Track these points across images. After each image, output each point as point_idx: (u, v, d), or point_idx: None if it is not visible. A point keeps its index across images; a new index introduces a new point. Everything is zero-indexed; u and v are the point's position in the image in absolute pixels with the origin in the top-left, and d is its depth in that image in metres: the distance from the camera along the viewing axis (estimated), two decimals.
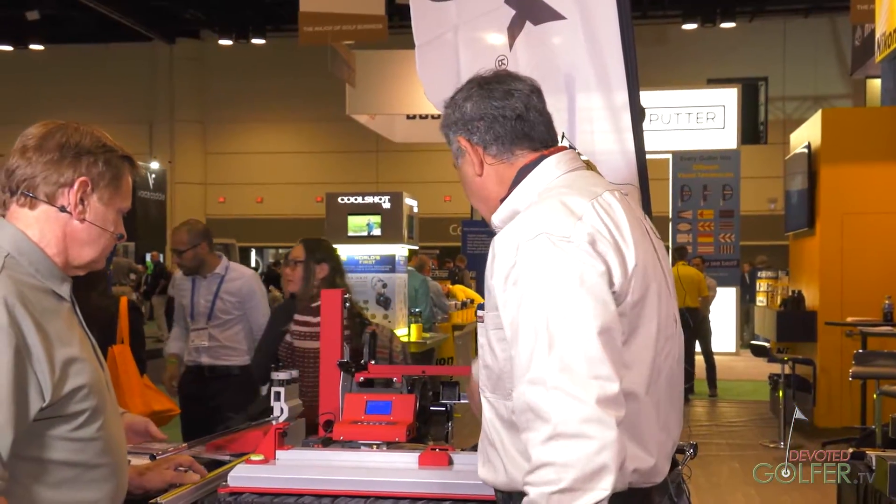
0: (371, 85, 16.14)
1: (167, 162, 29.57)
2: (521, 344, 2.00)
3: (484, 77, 2.37)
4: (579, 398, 1.88)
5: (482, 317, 2.23)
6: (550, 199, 2.14)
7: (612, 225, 2.11)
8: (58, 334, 2.15)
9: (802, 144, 11.72)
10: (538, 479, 1.90)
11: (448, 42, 3.99)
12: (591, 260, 2.03)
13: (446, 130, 2.40)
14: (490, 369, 2.21)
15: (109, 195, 2.32)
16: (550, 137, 2.35)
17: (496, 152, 2.30)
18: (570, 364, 1.92)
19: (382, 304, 10.20)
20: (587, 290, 1.99)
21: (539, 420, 1.91)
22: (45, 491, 2.15)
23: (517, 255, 2.05)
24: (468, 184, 2.38)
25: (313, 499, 2.76)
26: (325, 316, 3.44)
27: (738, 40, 26.08)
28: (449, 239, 25.79)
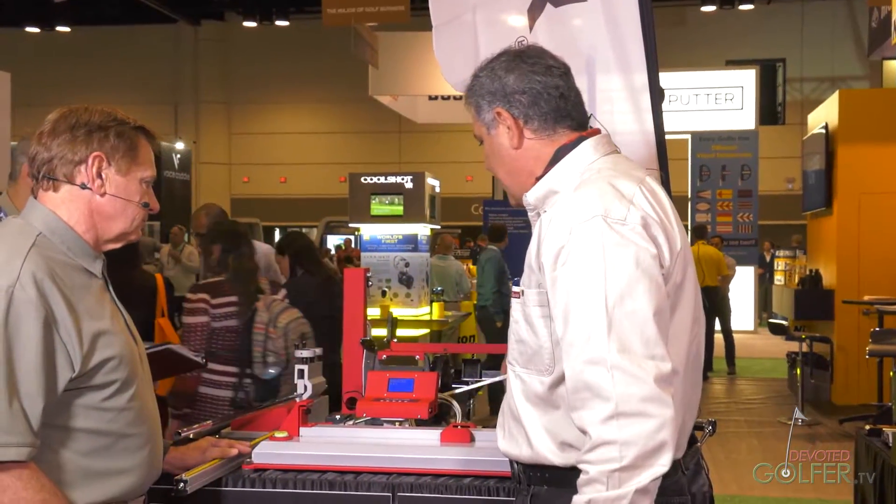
0: (394, 66, 16.12)
1: (192, 142, 29.64)
2: (575, 324, 2.03)
3: (521, 51, 2.34)
4: (639, 378, 1.93)
5: (518, 293, 2.24)
6: (599, 182, 2.15)
7: (658, 209, 2.15)
8: (87, 309, 2.23)
9: (820, 125, 11.73)
10: (599, 458, 1.94)
11: (467, 23, 3.99)
12: (645, 243, 2.06)
13: (478, 99, 2.35)
14: (525, 344, 2.22)
15: (127, 166, 2.37)
16: (586, 119, 2.35)
17: (537, 127, 2.29)
18: (629, 345, 1.96)
19: (405, 283, 10.24)
20: (643, 272, 2.02)
21: (598, 399, 1.95)
22: (78, 458, 2.23)
23: (570, 236, 2.06)
24: (501, 156, 2.36)
25: (336, 475, 2.79)
26: (348, 294, 3.48)
27: (756, 22, 25.92)
28: (470, 218, 25.75)
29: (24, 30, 28.80)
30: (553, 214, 2.14)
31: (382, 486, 2.74)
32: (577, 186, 2.17)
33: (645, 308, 2.00)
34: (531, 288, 2.19)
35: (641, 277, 2.02)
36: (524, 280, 2.22)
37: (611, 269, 2.01)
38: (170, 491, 2.62)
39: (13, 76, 10.33)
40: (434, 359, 3.30)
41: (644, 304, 2.00)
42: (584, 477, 1.97)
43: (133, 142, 2.38)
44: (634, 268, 2.02)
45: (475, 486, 2.71)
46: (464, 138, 27.91)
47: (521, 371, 2.24)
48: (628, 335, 1.97)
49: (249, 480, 2.79)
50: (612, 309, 1.99)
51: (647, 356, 1.96)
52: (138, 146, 2.40)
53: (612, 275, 2.01)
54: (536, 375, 2.19)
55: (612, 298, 1.99)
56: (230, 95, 30.93)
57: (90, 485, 2.25)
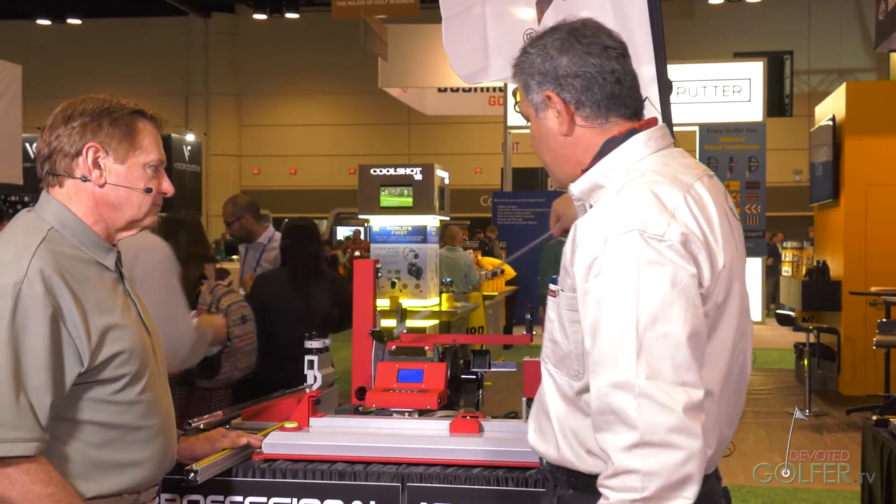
0: (403, 58, 16.14)
1: (202, 134, 29.67)
2: (603, 341, 1.92)
3: (577, 27, 2.15)
4: (667, 406, 1.84)
5: (555, 291, 2.14)
6: (641, 188, 2.00)
7: (703, 222, 2.00)
8: (97, 303, 2.23)
9: (827, 117, 11.74)
10: (620, 485, 1.86)
11: (476, 15, 3.99)
12: (683, 262, 1.93)
13: (527, 78, 2.18)
14: (558, 345, 2.13)
15: (125, 153, 2.33)
16: (641, 106, 2.20)
17: (588, 114, 2.13)
18: (658, 371, 1.86)
19: (414, 274, 10.27)
20: (679, 293, 1.90)
21: (623, 425, 1.86)
22: (90, 450, 2.25)
23: (604, 247, 1.94)
24: (548, 140, 2.19)
25: (346, 465, 2.80)
26: (357, 286, 3.49)
27: (763, 14, 25.88)
28: (479, 210, 25.76)
29: (35, 22, 28.87)
30: (589, 221, 2.02)
31: (392, 476, 2.75)
32: (619, 189, 2.03)
33: (678, 332, 1.88)
34: (565, 291, 2.09)
35: (677, 299, 1.90)
36: (560, 279, 2.11)
37: (644, 288, 1.89)
38: (180, 481, 2.64)
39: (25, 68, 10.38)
40: (443, 350, 3.31)
41: (678, 327, 1.88)
42: (603, 502, 1.89)
43: (130, 127, 2.35)
44: (670, 288, 1.90)
45: (484, 476, 2.72)
46: (473, 130, 28.05)
47: (553, 370, 2.16)
48: (659, 360, 1.86)
49: (259, 470, 2.80)
50: (643, 331, 1.87)
51: (677, 383, 1.85)
52: (136, 131, 2.36)
53: (646, 295, 1.89)
54: (567, 378, 2.11)
55: (644, 320, 1.88)
56: (240, 87, 30.97)
57: (102, 476, 2.26)
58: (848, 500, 6.24)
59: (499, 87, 19.15)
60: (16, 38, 27.07)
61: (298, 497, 2.76)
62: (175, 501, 2.79)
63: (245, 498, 2.79)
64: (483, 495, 2.70)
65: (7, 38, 26.72)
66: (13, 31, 28.08)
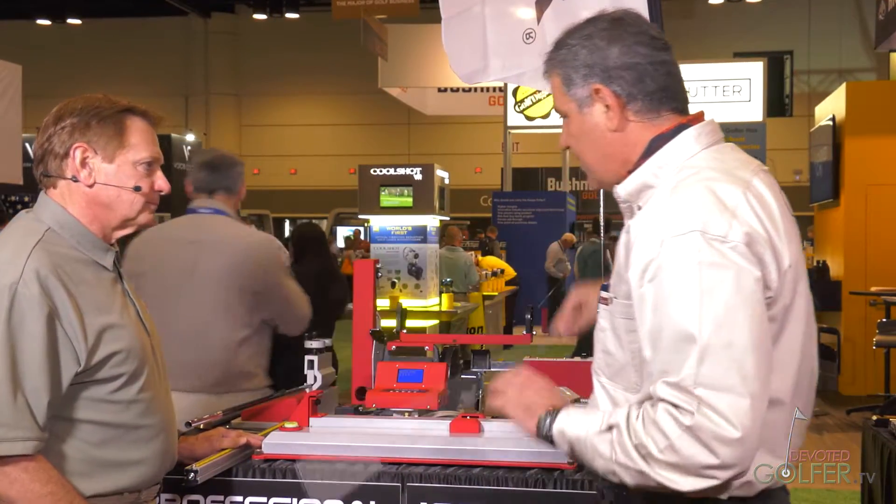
0: (403, 58, 16.15)
1: (202, 134, 29.70)
2: (664, 348, 1.82)
3: (621, 17, 2.04)
4: (728, 419, 1.74)
5: (608, 299, 2.02)
6: (698, 186, 1.89)
7: (766, 219, 1.89)
8: (94, 303, 2.24)
9: (827, 117, 11.75)
10: (646, 430, 1.80)
11: (475, 15, 4.00)
12: (748, 264, 1.81)
13: (569, 71, 2.05)
14: (612, 356, 2.03)
15: (113, 151, 2.31)
16: (688, 101, 2.09)
17: (640, 108, 2.00)
18: (721, 380, 1.76)
19: (414, 274, 10.27)
20: (744, 299, 1.79)
21: (678, 413, 1.78)
22: (89, 448, 2.26)
23: (661, 249, 1.83)
24: (593, 138, 2.06)
25: (346, 465, 2.79)
26: (357, 285, 3.49)
27: (763, 14, 25.93)
28: (479, 210, 25.79)
29: (35, 22, 28.89)
30: (643, 222, 1.91)
31: (392, 476, 2.74)
32: (673, 187, 1.92)
33: (744, 340, 1.77)
34: (619, 298, 1.98)
35: (742, 305, 1.79)
36: (613, 286, 2.00)
37: (707, 293, 1.78)
38: (180, 481, 2.63)
39: (25, 68, 10.38)
40: (443, 350, 3.31)
41: (744, 335, 1.78)
42: (632, 414, 1.84)
43: (119, 125, 2.33)
44: (734, 293, 1.78)
45: (484, 476, 2.72)
46: (473, 130, 28.07)
47: (608, 383, 2.06)
48: (723, 369, 1.76)
49: (259, 470, 2.80)
50: (706, 340, 1.76)
51: (742, 394, 1.75)
52: (125, 129, 2.33)
53: (709, 301, 1.78)
54: (623, 391, 2.01)
55: (708, 328, 1.77)
56: (240, 87, 31.00)
57: (102, 474, 2.27)
58: (848, 500, 6.24)
59: (499, 87, 19.16)
60: (16, 38, 27.09)
61: (298, 497, 2.76)
62: (175, 501, 2.78)
63: (245, 498, 2.79)
64: (483, 495, 2.69)
65: (7, 38, 26.73)
66: (13, 31, 28.10)
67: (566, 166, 20.22)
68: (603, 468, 1.90)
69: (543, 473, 2.69)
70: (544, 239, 16.75)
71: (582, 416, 1.97)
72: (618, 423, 1.86)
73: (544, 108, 18.20)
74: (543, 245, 16.54)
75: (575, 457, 2.01)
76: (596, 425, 1.91)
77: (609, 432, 1.87)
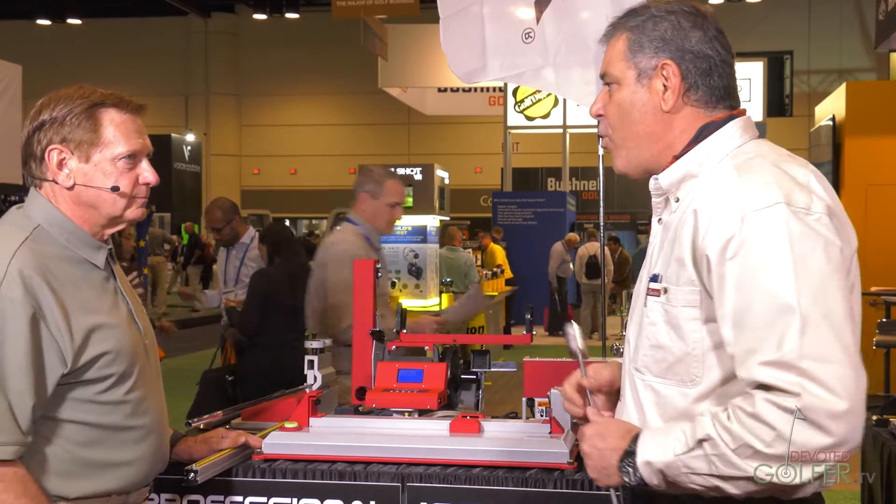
0: (403, 58, 16.14)
1: (202, 134, 29.72)
2: (757, 327, 1.74)
3: (706, 13, 2.00)
4: (836, 392, 1.67)
5: (658, 290, 1.94)
6: (766, 164, 1.87)
7: (834, 198, 1.87)
8: (83, 303, 2.18)
9: (827, 117, 11.75)
10: (749, 426, 1.71)
11: (474, 15, 4.00)
12: (833, 236, 1.78)
13: (642, 38, 1.99)
14: (665, 350, 1.93)
15: (89, 150, 2.23)
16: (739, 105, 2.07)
17: (699, 98, 1.98)
18: (826, 351, 1.70)
19: (414, 274, 10.27)
20: (834, 269, 1.76)
21: (783, 396, 1.69)
22: (75, 449, 2.20)
23: (742, 224, 1.77)
24: (642, 112, 2.00)
25: (346, 465, 2.79)
26: (357, 285, 3.49)
27: (763, 14, 25.95)
28: (479, 210, 25.79)
29: (35, 22, 28.89)
30: (715, 202, 1.84)
31: (392, 476, 2.75)
32: (738, 170, 1.88)
33: (840, 310, 1.73)
34: (680, 286, 1.89)
35: (834, 275, 1.75)
36: (669, 276, 1.92)
37: (800, 263, 1.73)
38: (180, 481, 2.63)
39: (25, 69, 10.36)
40: (443, 349, 3.31)
41: (839, 305, 1.73)
42: (721, 418, 1.75)
43: (93, 121, 2.24)
44: (826, 262, 1.74)
45: (484, 476, 2.72)
46: (473, 130, 28.08)
47: (655, 381, 1.96)
48: (826, 340, 1.70)
49: (259, 470, 2.80)
50: (806, 309, 1.70)
51: (847, 365, 1.69)
52: (100, 126, 2.24)
53: (803, 270, 1.72)
54: (677, 387, 1.92)
55: (806, 297, 1.71)
56: (240, 87, 31.00)
57: (88, 475, 2.22)
58: (848, 500, 6.23)
59: (499, 87, 19.15)
60: (16, 38, 27.10)
61: (298, 497, 2.76)
62: (175, 501, 2.78)
63: (245, 498, 2.79)
64: (483, 495, 2.69)
65: (7, 38, 26.74)
66: (13, 31, 28.10)
67: (566, 166, 20.22)
68: (703, 486, 1.79)
69: (543, 473, 2.69)
70: (544, 239, 16.73)
71: (661, 439, 1.84)
72: (707, 434, 1.76)
73: (544, 108, 18.20)
74: (543, 245, 16.52)
75: (668, 484, 1.84)
76: (681, 444, 1.79)
77: (700, 447, 1.77)
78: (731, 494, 1.79)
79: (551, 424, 2.84)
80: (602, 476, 1.94)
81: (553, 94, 16.46)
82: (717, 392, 1.87)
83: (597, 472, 1.95)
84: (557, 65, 3.86)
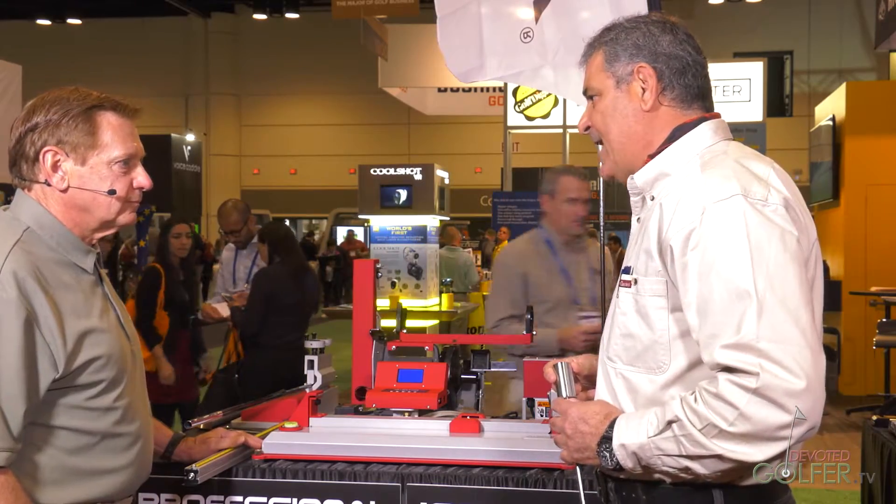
0: (403, 58, 16.14)
1: (203, 134, 29.71)
2: (716, 311, 1.82)
3: (672, 21, 2.12)
4: (793, 371, 1.74)
5: (630, 281, 2.04)
6: (729, 161, 1.97)
7: (794, 193, 1.96)
8: (73, 307, 2.14)
9: (827, 117, 11.76)
10: (713, 407, 1.77)
11: (472, 14, 3.99)
12: (789, 226, 1.87)
13: (616, 48, 2.11)
14: (635, 339, 2.02)
15: (85, 153, 2.21)
16: (713, 106, 2.17)
17: (675, 97, 2.08)
18: (782, 333, 1.77)
19: (414, 274, 10.27)
20: (791, 258, 1.84)
21: (742, 377, 1.77)
22: (64, 456, 2.16)
23: (703, 216, 1.87)
24: (624, 115, 2.11)
25: (346, 465, 2.80)
26: (357, 286, 3.49)
27: (763, 14, 25.95)
28: (479, 210, 25.78)
29: (35, 22, 28.89)
30: (678, 195, 1.95)
31: (392, 476, 2.75)
32: (703, 166, 1.98)
33: (796, 296, 1.80)
34: (648, 276, 1.98)
35: (790, 263, 1.83)
36: (639, 267, 2.01)
37: (757, 250, 1.82)
38: (180, 481, 2.64)
39: (25, 68, 10.35)
40: (443, 349, 3.31)
41: (795, 291, 1.81)
42: (689, 400, 1.82)
43: (91, 125, 2.21)
44: (783, 251, 1.83)
45: (484, 476, 2.72)
46: (473, 130, 28.07)
47: (626, 369, 2.03)
48: (783, 323, 1.78)
49: (259, 471, 2.80)
50: (762, 294, 1.79)
51: (804, 346, 1.77)
52: (97, 128, 2.22)
53: (759, 257, 1.81)
54: (645, 374, 1.99)
55: (762, 283, 1.80)
56: (240, 87, 30.99)
57: (76, 483, 2.18)
58: (848, 500, 6.24)
59: (499, 86, 19.14)
60: (16, 38, 27.09)
61: (298, 497, 2.76)
62: (175, 501, 2.79)
63: (245, 498, 2.79)
64: (483, 495, 2.70)
65: (7, 38, 26.73)
66: (13, 31, 28.10)
67: None
68: (673, 467, 1.86)
69: (543, 473, 2.69)
70: None
71: (635, 423, 1.92)
72: (675, 415, 1.83)
73: (544, 108, 18.18)
74: None
75: (643, 467, 1.92)
76: (653, 426, 1.87)
77: (669, 428, 1.84)
78: (700, 475, 1.86)
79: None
80: (581, 457, 2.04)
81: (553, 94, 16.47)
82: (682, 378, 1.95)
83: (577, 454, 2.04)
84: (556, 64, 3.86)
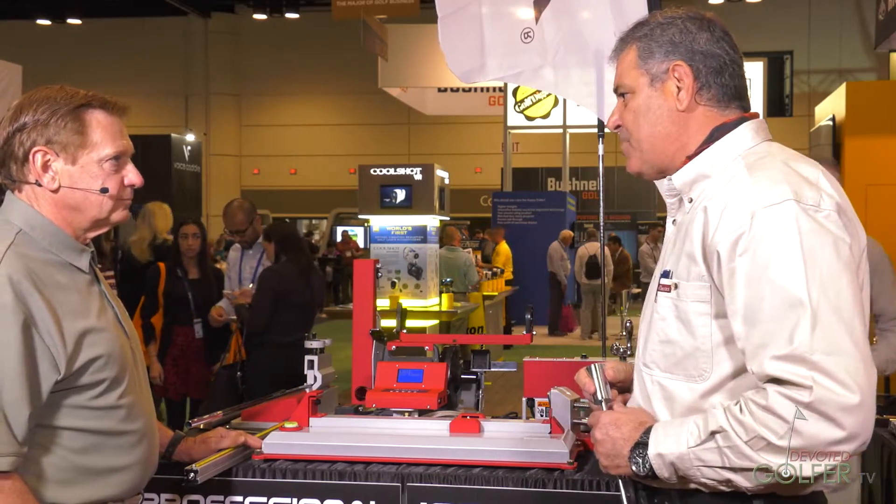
0: (403, 58, 16.15)
1: (202, 134, 29.67)
2: (766, 319, 1.76)
3: (708, 18, 2.06)
4: (847, 385, 1.69)
5: (669, 286, 1.97)
6: (777, 163, 1.91)
7: (843, 197, 1.90)
8: (71, 307, 2.14)
9: (827, 117, 11.76)
10: (762, 419, 1.72)
11: (472, 14, 4.00)
12: (842, 233, 1.82)
13: (651, 44, 2.04)
14: (675, 345, 1.95)
15: (76, 152, 2.19)
16: (750, 105, 2.12)
17: (712, 97, 2.02)
18: (836, 344, 1.71)
19: (414, 274, 10.27)
20: (844, 265, 1.78)
21: (794, 389, 1.71)
22: (72, 456, 2.16)
23: (752, 221, 1.80)
24: (658, 114, 2.04)
25: (346, 465, 2.80)
26: (357, 286, 3.49)
27: (763, 14, 25.94)
28: (479, 210, 25.79)
29: (35, 22, 28.88)
30: (725, 199, 1.87)
31: (392, 476, 2.75)
32: (748, 169, 1.91)
33: (850, 305, 1.74)
34: (690, 281, 1.92)
35: (843, 270, 1.77)
36: (680, 272, 1.94)
37: (810, 258, 1.75)
38: (180, 481, 2.64)
39: (25, 68, 10.33)
40: (443, 350, 3.31)
41: (849, 300, 1.75)
42: (734, 411, 1.76)
43: (80, 123, 2.20)
44: (836, 258, 1.77)
45: (484, 476, 2.72)
46: (473, 130, 28.07)
47: (663, 376, 1.97)
48: (836, 335, 1.71)
49: (259, 470, 2.80)
50: (815, 304, 1.72)
51: (858, 358, 1.71)
52: (86, 126, 2.20)
53: (813, 265, 1.75)
54: (685, 382, 1.93)
55: (816, 292, 1.73)
56: (240, 87, 30.98)
57: (85, 483, 2.18)
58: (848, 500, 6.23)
59: (499, 87, 19.17)
60: (16, 38, 27.08)
61: (298, 497, 2.77)
62: (175, 501, 2.79)
63: (245, 498, 2.79)
64: (483, 495, 2.70)
65: (7, 38, 26.72)
66: (13, 31, 28.08)
67: (566, 166, 20.22)
68: (713, 479, 1.81)
69: (543, 473, 2.69)
70: (544, 239, 16.73)
71: (674, 432, 1.86)
72: (720, 426, 1.78)
73: (544, 108, 18.21)
74: (543, 245, 16.51)
75: (679, 477, 1.86)
76: (694, 436, 1.81)
77: (712, 439, 1.79)
78: (742, 488, 1.81)
79: (551, 424, 2.84)
80: (611, 464, 1.98)
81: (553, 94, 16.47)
82: (726, 387, 1.89)
83: (607, 460, 1.98)
84: (556, 64, 3.87)
